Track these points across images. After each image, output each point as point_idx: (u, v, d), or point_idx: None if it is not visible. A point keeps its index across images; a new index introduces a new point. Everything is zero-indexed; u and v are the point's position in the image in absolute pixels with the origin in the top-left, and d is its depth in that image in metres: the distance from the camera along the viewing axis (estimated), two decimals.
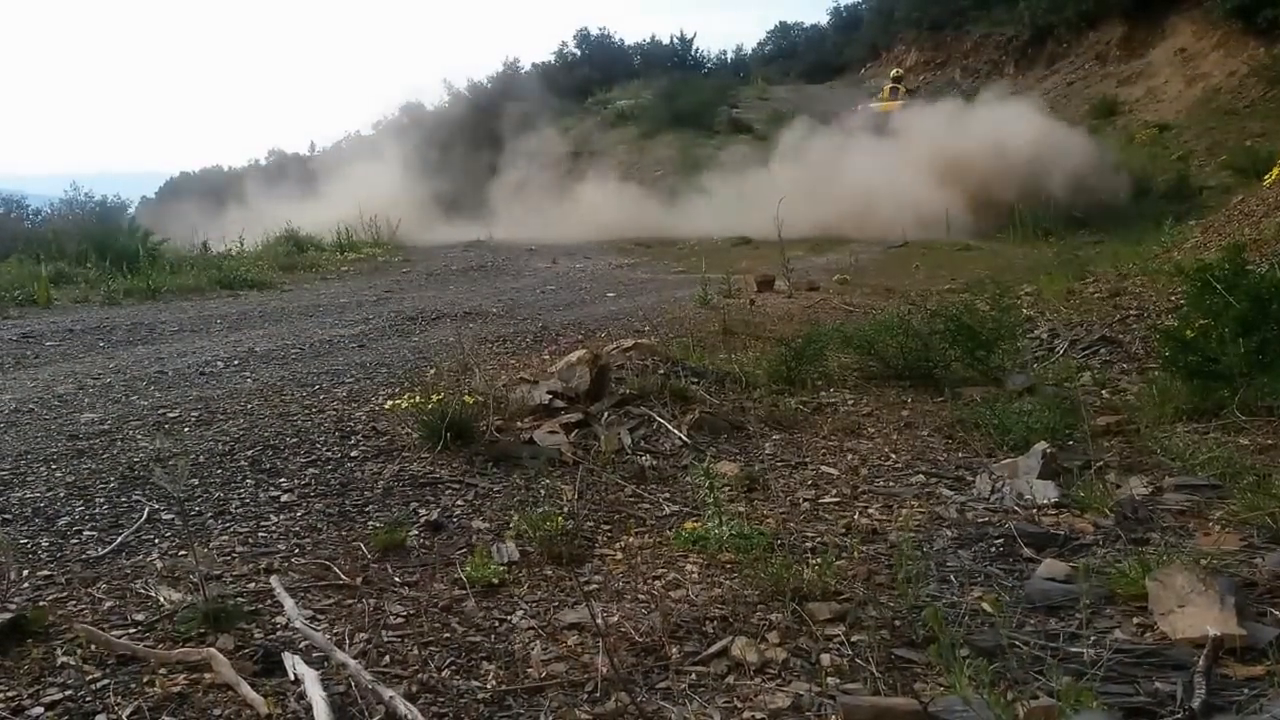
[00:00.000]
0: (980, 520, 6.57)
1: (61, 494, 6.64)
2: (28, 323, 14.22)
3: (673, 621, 5.01)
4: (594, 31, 66.38)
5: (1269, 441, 7.64)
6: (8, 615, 4.79)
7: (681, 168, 41.40)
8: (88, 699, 4.22)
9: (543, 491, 6.92)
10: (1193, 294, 8.92)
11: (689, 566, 5.80)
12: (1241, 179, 23.60)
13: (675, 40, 65.69)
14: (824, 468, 7.85)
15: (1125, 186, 27.97)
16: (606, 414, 8.69)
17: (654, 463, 7.88)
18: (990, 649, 4.50)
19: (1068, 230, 24.71)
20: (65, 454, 7.49)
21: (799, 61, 67.01)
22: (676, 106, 49.33)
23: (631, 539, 6.28)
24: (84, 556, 5.68)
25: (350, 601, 5.28)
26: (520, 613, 5.20)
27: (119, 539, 5.92)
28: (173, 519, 6.22)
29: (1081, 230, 25.26)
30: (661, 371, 10.03)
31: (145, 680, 4.34)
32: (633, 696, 4.29)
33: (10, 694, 4.24)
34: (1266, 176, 17.17)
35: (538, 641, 4.87)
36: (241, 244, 26.65)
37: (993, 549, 6.03)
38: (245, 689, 4.23)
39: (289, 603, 5.07)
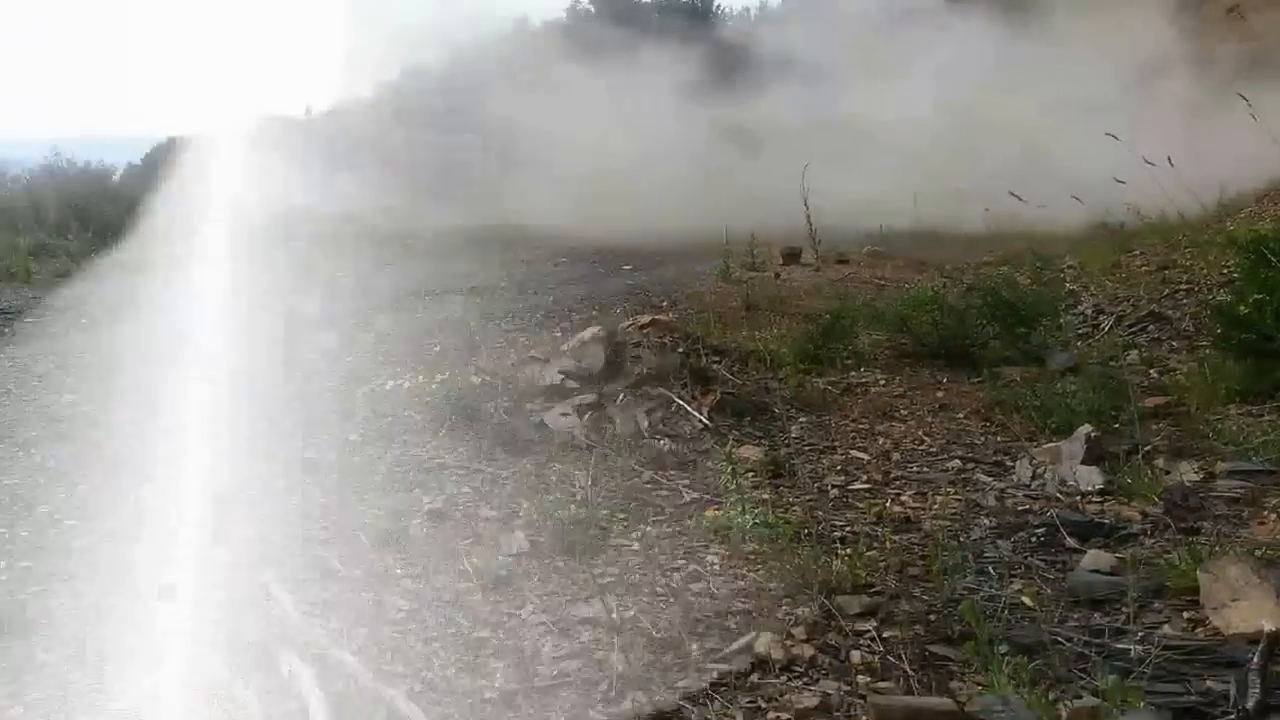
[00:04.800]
0: (1020, 508, 6.55)
1: (41, 480, 6.65)
2: (4, 299, 14.24)
3: (693, 616, 5.01)
4: None
5: None
6: None
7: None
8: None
9: (554, 477, 6.94)
10: (1246, 267, 8.85)
11: (710, 557, 5.80)
12: None
13: None
14: (854, 452, 7.83)
15: None
16: (622, 395, 8.68)
17: (673, 447, 7.88)
18: (1030, 645, 4.49)
19: None
20: (44, 438, 7.51)
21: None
22: None
23: (649, 528, 6.28)
24: (67, 547, 5.69)
25: (349, 594, 5.29)
26: (530, 607, 5.21)
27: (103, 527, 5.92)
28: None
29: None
30: (680, 350, 9.99)
31: None
32: (650, 696, 4.30)
33: None
34: None
35: (549, 638, 4.87)
36: None
37: (1033, 539, 6.00)
38: (238, 688, 4.24)
39: (284, 596, 5.08)
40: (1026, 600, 5.08)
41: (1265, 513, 6.17)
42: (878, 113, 29.14)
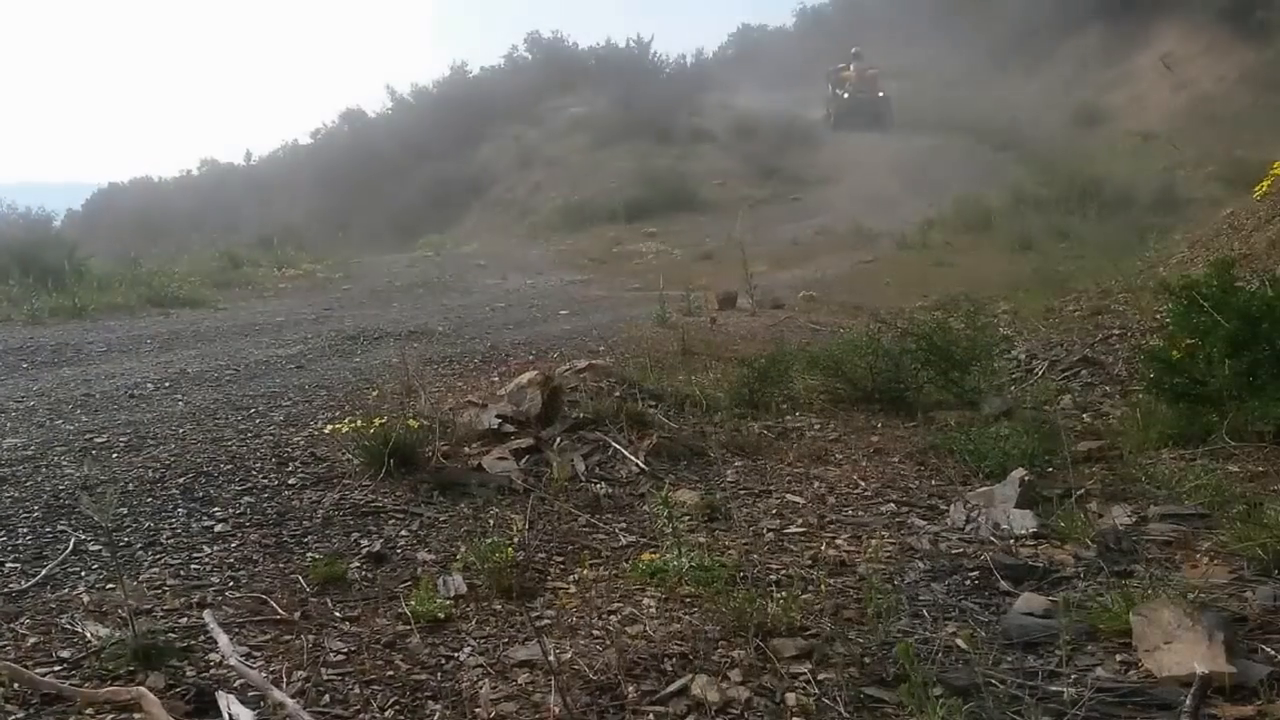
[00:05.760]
0: (954, 551, 6.58)
1: None
2: None
3: (629, 659, 5.00)
4: (546, 34, 66.46)
5: (1259, 468, 7.63)
6: None
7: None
8: None
9: (491, 521, 6.92)
10: (1179, 312, 8.89)
11: (646, 600, 5.80)
12: (1230, 190, 23.64)
13: (632, 43, 65.71)
14: (789, 496, 7.86)
15: None
16: (559, 439, 8.69)
17: (609, 491, 7.87)
18: (965, 688, 4.51)
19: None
20: None
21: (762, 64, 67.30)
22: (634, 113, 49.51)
23: (586, 571, 6.27)
24: (6, 590, 5.63)
25: (288, 637, 5.26)
26: (468, 649, 5.19)
27: (43, 571, 5.87)
28: (100, 550, 6.16)
29: (1063, 243, 25.22)
30: (617, 394, 10.04)
31: None
32: None
33: None
34: (1257, 188, 17.19)
35: (486, 680, 4.86)
36: (173, 258, 26.45)
37: (968, 582, 6.03)
38: None
39: (223, 638, 5.05)
40: (961, 643, 5.10)
41: (1197, 556, 6.20)
42: None
